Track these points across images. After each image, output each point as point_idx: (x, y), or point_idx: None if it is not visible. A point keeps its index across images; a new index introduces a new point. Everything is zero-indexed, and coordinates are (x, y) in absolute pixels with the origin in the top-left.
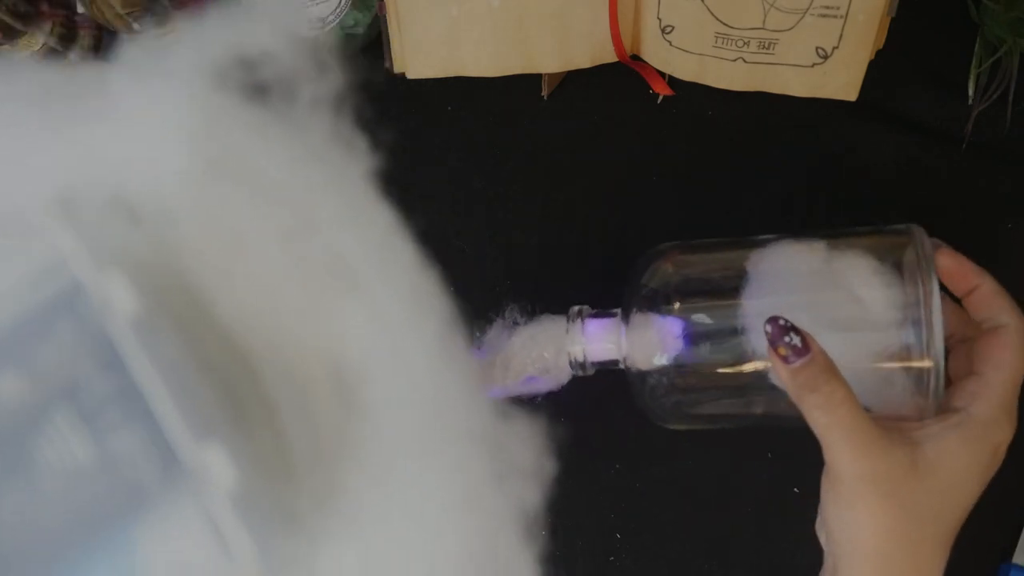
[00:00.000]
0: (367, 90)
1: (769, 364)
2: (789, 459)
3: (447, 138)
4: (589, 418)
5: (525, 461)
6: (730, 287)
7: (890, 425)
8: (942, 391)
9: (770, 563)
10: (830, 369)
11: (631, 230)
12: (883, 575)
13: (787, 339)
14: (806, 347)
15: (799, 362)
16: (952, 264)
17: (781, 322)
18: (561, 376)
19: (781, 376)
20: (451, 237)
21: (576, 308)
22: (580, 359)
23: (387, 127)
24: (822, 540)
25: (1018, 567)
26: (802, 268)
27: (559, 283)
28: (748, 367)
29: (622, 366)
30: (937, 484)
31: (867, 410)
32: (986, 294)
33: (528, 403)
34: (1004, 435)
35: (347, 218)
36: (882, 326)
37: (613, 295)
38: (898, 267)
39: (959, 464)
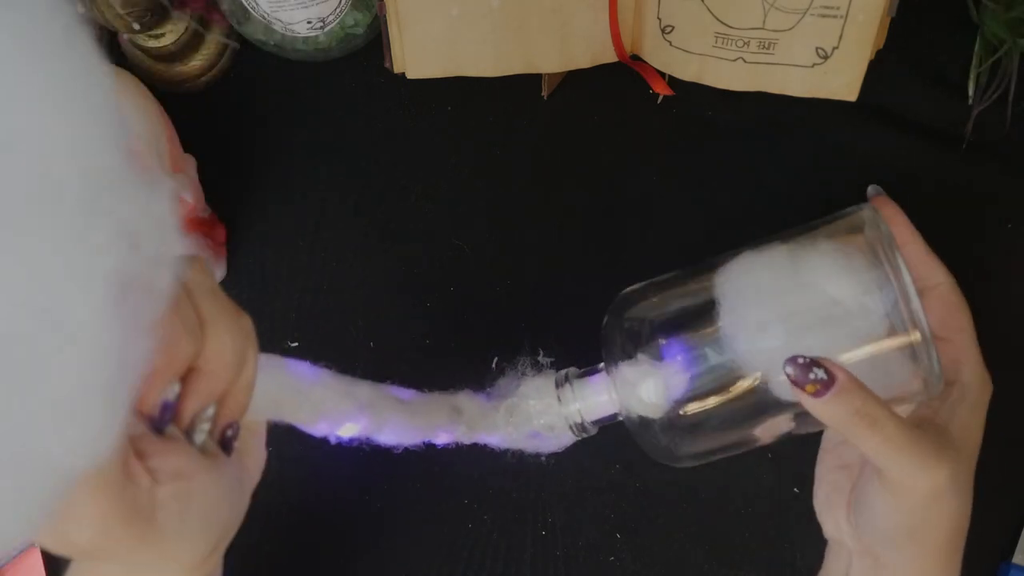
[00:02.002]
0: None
1: (761, 379)
2: (789, 459)
3: (447, 138)
4: None
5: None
6: (706, 313)
7: (918, 418)
8: (937, 360)
9: (770, 563)
10: (861, 388)
11: (631, 230)
12: (947, 558)
13: (812, 376)
14: (832, 376)
15: (829, 393)
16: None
17: (800, 360)
18: (563, 438)
19: (817, 413)
20: (451, 237)
21: (563, 373)
22: (579, 420)
23: (387, 127)
24: (841, 530)
25: (1018, 567)
26: (766, 278)
27: (559, 283)
28: (742, 386)
29: (621, 418)
30: (969, 458)
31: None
32: (918, 254)
33: (534, 458)
34: (990, 389)
35: None
36: (860, 314)
37: (612, 296)
38: (859, 250)
39: (975, 431)
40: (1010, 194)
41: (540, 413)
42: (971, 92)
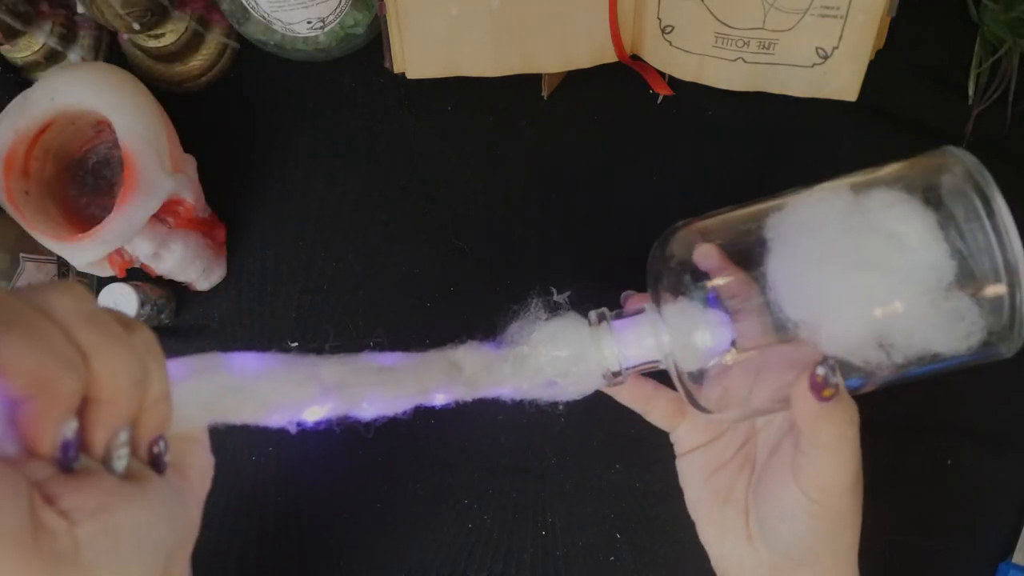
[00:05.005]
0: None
1: (815, 329)
2: None
3: (447, 138)
4: (589, 418)
5: None
6: (761, 254)
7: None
8: None
9: None
10: (848, 395)
11: (631, 230)
12: (852, 566)
13: (835, 380)
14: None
15: (834, 399)
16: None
17: (832, 362)
18: (585, 384)
19: (819, 418)
20: (451, 237)
21: (596, 312)
22: (615, 367)
23: (386, 127)
24: (743, 562)
25: (1017, 567)
26: (827, 218)
27: (559, 283)
28: (795, 337)
29: (663, 366)
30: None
31: (941, 358)
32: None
33: (549, 407)
34: None
35: None
36: (931, 258)
37: (613, 295)
38: (937, 191)
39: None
40: (1010, 194)
41: (555, 362)
42: (971, 92)
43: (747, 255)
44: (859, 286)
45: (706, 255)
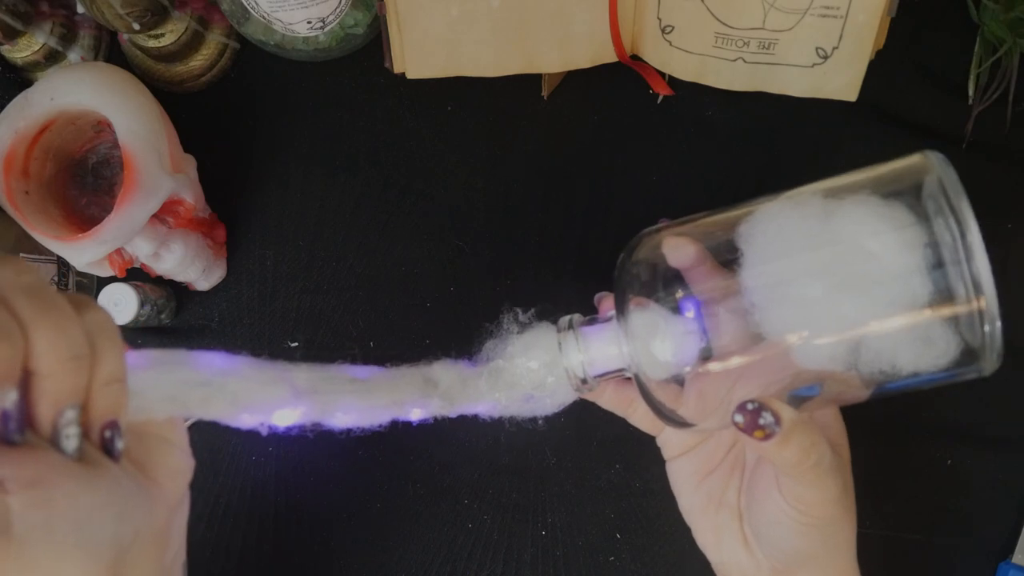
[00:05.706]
0: (365, 91)
1: (785, 343)
2: None
3: (447, 138)
4: (589, 418)
5: None
6: (729, 260)
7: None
8: (999, 336)
9: None
10: (808, 423)
11: (631, 230)
12: (852, 564)
13: (761, 421)
14: (778, 418)
15: (777, 436)
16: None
17: (749, 407)
18: (560, 395)
19: (771, 456)
20: (451, 237)
21: (566, 318)
22: (580, 375)
23: (387, 127)
24: (743, 565)
25: (1017, 567)
26: (796, 228)
27: (560, 283)
28: (763, 350)
29: (628, 375)
30: (847, 462)
31: (916, 375)
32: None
33: (529, 424)
34: None
35: None
36: (903, 275)
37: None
38: (911, 202)
39: (843, 432)
40: (1010, 194)
41: (529, 374)
42: (971, 92)
43: (721, 261)
44: (828, 302)
45: (676, 247)
